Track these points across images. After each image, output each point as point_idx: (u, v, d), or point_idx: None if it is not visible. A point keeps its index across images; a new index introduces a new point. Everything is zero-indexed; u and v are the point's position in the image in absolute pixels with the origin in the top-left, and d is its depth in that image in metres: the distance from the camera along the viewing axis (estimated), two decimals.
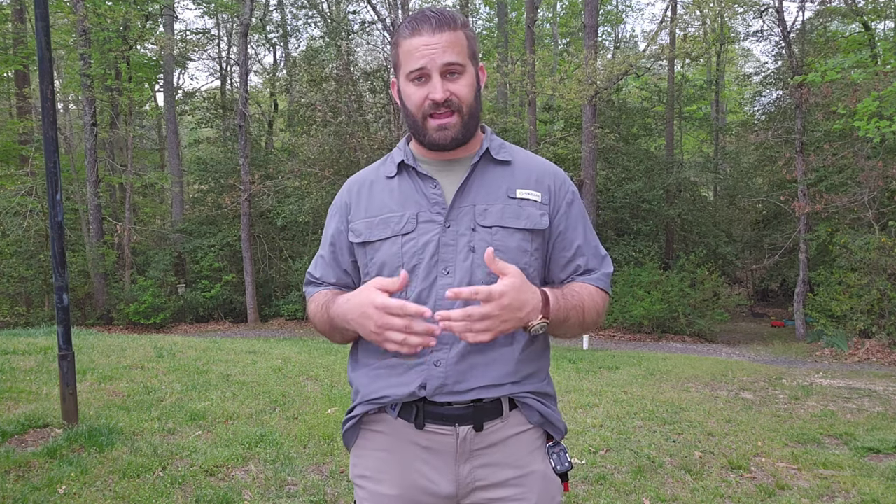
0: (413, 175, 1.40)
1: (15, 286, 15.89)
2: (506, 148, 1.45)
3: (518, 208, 1.37)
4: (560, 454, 1.40)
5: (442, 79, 1.31)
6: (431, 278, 1.33)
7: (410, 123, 1.37)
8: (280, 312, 17.16)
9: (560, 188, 1.43)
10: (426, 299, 1.33)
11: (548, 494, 1.39)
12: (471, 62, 1.36)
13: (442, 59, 1.30)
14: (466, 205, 1.36)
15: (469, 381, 1.32)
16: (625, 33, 36.83)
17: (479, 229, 1.35)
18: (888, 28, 20.97)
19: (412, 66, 1.32)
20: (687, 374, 7.50)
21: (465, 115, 1.34)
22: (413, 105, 1.35)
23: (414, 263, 1.34)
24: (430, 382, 1.32)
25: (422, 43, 1.30)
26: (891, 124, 8.61)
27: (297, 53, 23.04)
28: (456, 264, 1.33)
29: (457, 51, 1.32)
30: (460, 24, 1.34)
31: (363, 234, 1.40)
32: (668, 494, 3.40)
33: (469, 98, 1.34)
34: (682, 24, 15.75)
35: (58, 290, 3.89)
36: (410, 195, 1.39)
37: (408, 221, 1.36)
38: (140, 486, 3.14)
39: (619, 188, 18.37)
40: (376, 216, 1.39)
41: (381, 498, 1.39)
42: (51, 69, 3.89)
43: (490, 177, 1.40)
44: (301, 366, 6.66)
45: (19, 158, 17.83)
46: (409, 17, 1.35)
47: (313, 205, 15.68)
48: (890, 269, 11.75)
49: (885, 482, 3.65)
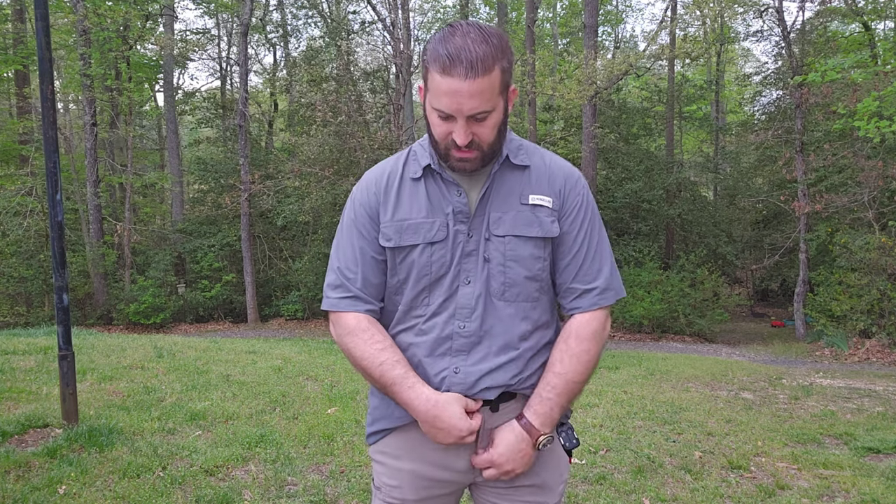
0: (439, 180, 1.41)
1: (15, 286, 15.91)
2: (524, 150, 1.45)
3: (531, 215, 1.39)
4: (568, 432, 1.47)
5: (467, 122, 1.28)
6: (454, 287, 1.39)
7: (433, 144, 1.37)
8: (280, 312, 17.16)
9: (571, 191, 1.43)
10: (448, 306, 1.39)
11: (556, 470, 1.48)
12: (501, 98, 1.31)
13: (469, 108, 1.26)
14: (483, 214, 1.38)
15: (483, 382, 1.39)
16: (625, 33, 36.85)
17: (492, 238, 1.37)
18: (888, 28, 20.97)
19: (438, 104, 1.28)
20: (687, 374, 7.50)
21: (486, 152, 1.34)
22: (437, 133, 1.34)
23: (442, 273, 1.38)
24: (453, 389, 1.39)
25: (452, 87, 1.24)
26: (891, 124, 8.61)
27: (297, 53, 23.05)
28: (476, 273, 1.38)
29: (486, 97, 1.26)
30: (496, 61, 1.25)
31: (393, 238, 1.40)
32: (668, 494, 3.40)
33: (491, 138, 1.32)
34: (682, 24, 15.78)
35: (58, 290, 3.88)
36: (438, 202, 1.40)
37: (438, 230, 1.38)
38: (140, 486, 3.14)
39: (619, 188, 18.37)
40: (405, 220, 1.40)
41: (397, 472, 1.47)
42: (51, 69, 3.89)
43: (507, 183, 1.41)
44: (301, 366, 6.66)
45: (19, 158, 17.84)
46: (446, 45, 1.24)
47: (313, 205, 15.68)
48: (890, 269, 11.75)
49: (885, 482, 3.65)
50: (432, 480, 1.45)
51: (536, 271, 1.39)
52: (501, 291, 1.38)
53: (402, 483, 1.46)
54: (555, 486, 1.48)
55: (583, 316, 1.41)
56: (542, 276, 1.41)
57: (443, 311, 1.39)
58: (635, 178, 18.45)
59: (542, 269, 1.40)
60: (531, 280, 1.40)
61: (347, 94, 16.24)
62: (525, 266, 1.38)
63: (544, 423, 1.37)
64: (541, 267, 1.40)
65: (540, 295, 1.43)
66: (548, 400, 1.37)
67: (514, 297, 1.39)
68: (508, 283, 1.38)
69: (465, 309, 1.38)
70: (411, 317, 1.42)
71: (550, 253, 1.42)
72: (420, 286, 1.40)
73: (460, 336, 1.38)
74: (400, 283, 1.42)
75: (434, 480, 1.46)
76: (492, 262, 1.37)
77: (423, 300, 1.40)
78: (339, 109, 15.65)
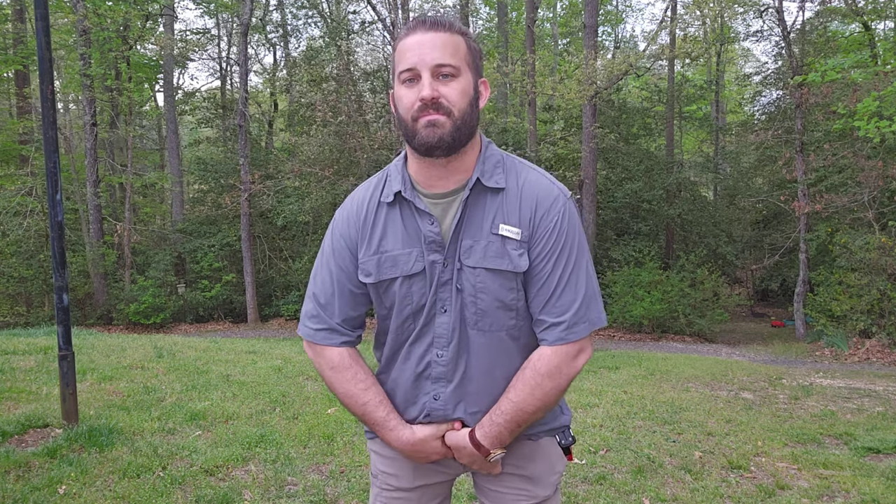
0: (412, 209, 1.38)
1: (15, 286, 15.90)
2: (500, 169, 1.38)
3: (501, 246, 1.35)
4: (564, 430, 1.51)
5: (433, 79, 1.28)
6: (431, 315, 1.40)
7: (403, 129, 1.35)
8: (280, 312, 17.16)
9: (543, 218, 1.35)
10: (426, 333, 1.41)
11: (547, 463, 1.51)
12: (468, 69, 1.32)
13: (432, 57, 1.26)
14: (457, 241, 1.37)
15: (461, 409, 1.44)
16: (625, 33, 36.87)
17: (464, 269, 1.36)
18: (888, 28, 20.97)
19: (403, 65, 1.29)
20: (687, 374, 7.50)
21: (457, 120, 1.29)
22: (404, 108, 1.31)
23: (422, 303, 1.39)
24: (433, 414, 1.45)
25: (415, 41, 1.28)
26: (891, 124, 8.61)
27: (297, 53, 23.05)
28: (451, 302, 1.38)
29: (450, 52, 1.28)
30: (458, 30, 1.31)
31: (373, 273, 1.40)
32: (668, 494, 3.40)
33: (461, 104, 1.29)
34: (682, 24, 15.76)
35: (58, 290, 3.88)
36: (413, 231, 1.38)
37: (416, 261, 1.37)
38: (140, 486, 3.14)
39: (619, 188, 18.37)
40: (383, 253, 1.39)
41: (393, 461, 1.53)
42: (51, 69, 3.89)
43: (479, 208, 1.37)
44: (301, 366, 6.66)
45: (19, 158, 17.83)
46: (411, 21, 1.34)
47: (313, 205, 15.68)
48: (890, 269, 11.75)
49: (885, 482, 3.65)
50: (427, 469, 1.52)
51: (510, 301, 1.37)
52: (475, 321, 1.38)
53: (397, 471, 1.52)
54: (545, 478, 1.51)
55: (546, 349, 1.36)
56: (517, 306, 1.38)
57: (421, 338, 1.42)
58: (635, 178, 18.45)
59: (516, 299, 1.37)
60: (504, 309, 1.37)
61: (347, 94, 16.24)
62: (495, 297, 1.36)
63: (493, 444, 1.40)
64: (513, 297, 1.37)
65: (518, 322, 1.39)
66: (497, 424, 1.38)
67: (488, 326, 1.38)
68: (480, 312, 1.37)
69: (441, 338, 1.40)
70: (399, 343, 1.45)
71: (523, 282, 1.38)
72: (403, 315, 1.42)
73: (438, 364, 1.41)
74: (387, 312, 1.45)
75: (429, 469, 1.52)
76: (464, 292, 1.36)
77: (407, 327, 1.43)
78: (339, 109, 15.66)
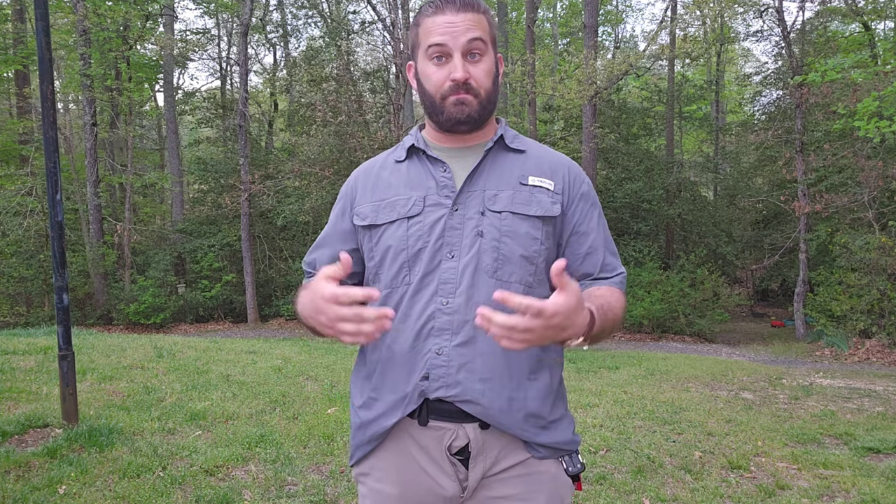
0: (423, 159, 1.39)
1: (15, 286, 15.89)
2: (520, 139, 1.44)
3: (529, 195, 1.34)
4: (572, 455, 1.38)
5: (463, 59, 1.30)
6: (436, 262, 1.30)
7: (427, 104, 1.36)
8: (280, 312, 17.15)
9: (574, 180, 1.40)
10: (429, 283, 1.30)
11: (557, 495, 1.36)
12: (491, 47, 1.35)
13: (465, 37, 1.29)
14: (476, 189, 1.34)
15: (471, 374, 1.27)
16: (625, 33, 36.88)
17: (488, 213, 1.32)
18: (888, 28, 20.97)
19: (433, 40, 1.30)
20: (687, 374, 7.50)
21: (483, 99, 1.34)
22: (432, 85, 1.33)
23: (419, 247, 1.31)
24: (434, 373, 1.27)
25: (445, 20, 1.30)
26: (891, 124, 8.61)
27: (297, 53, 23.05)
28: (462, 248, 1.30)
29: (479, 32, 1.31)
30: (482, 8, 1.34)
31: (368, 217, 1.37)
32: (668, 494, 3.40)
33: (487, 84, 1.33)
34: (682, 24, 15.75)
35: (58, 290, 3.88)
36: (419, 178, 1.37)
37: (414, 204, 1.34)
38: (140, 486, 3.14)
39: (619, 188, 18.36)
40: (383, 199, 1.37)
41: (382, 496, 1.37)
42: (51, 69, 3.89)
43: (502, 163, 1.38)
44: (301, 366, 6.66)
45: (19, 158, 17.82)
46: (435, 1, 1.34)
47: (313, 205, 15.67)
48: (890, 269, 11.74)
49: (885, 482, 3.65)
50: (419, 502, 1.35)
51: (532, 252, 1.32)
52: (494, 269, 1.29)
53: None
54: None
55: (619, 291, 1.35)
56: (538, 261, 1.33)
57: (423, 289, 1.30)
58: (635, 178, 18.45)
59: (538, 253, 1.33)
60: (526, 261, 1.32)
61: (347, 94, 16.24)
62: (521, 244, 1.31)
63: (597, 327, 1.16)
64: (537, 249, 1.32)
65: (534, 282, 1.33)
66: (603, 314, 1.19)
67: (507, 276, 1.30)
68: (502, 259, 1.30)
69: (448, 284, 1.29)
70: (393, 301, 1.33)
71: (549, 237, 1.35)
72: (398, 263, 1.32)
73: (443, 313, 1.28)
74: (377, 266, 1.36)
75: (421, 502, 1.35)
76: (485, 238, 1.30)
77: (403, 279, 1.32)
78: (339, 109, 15.66)
